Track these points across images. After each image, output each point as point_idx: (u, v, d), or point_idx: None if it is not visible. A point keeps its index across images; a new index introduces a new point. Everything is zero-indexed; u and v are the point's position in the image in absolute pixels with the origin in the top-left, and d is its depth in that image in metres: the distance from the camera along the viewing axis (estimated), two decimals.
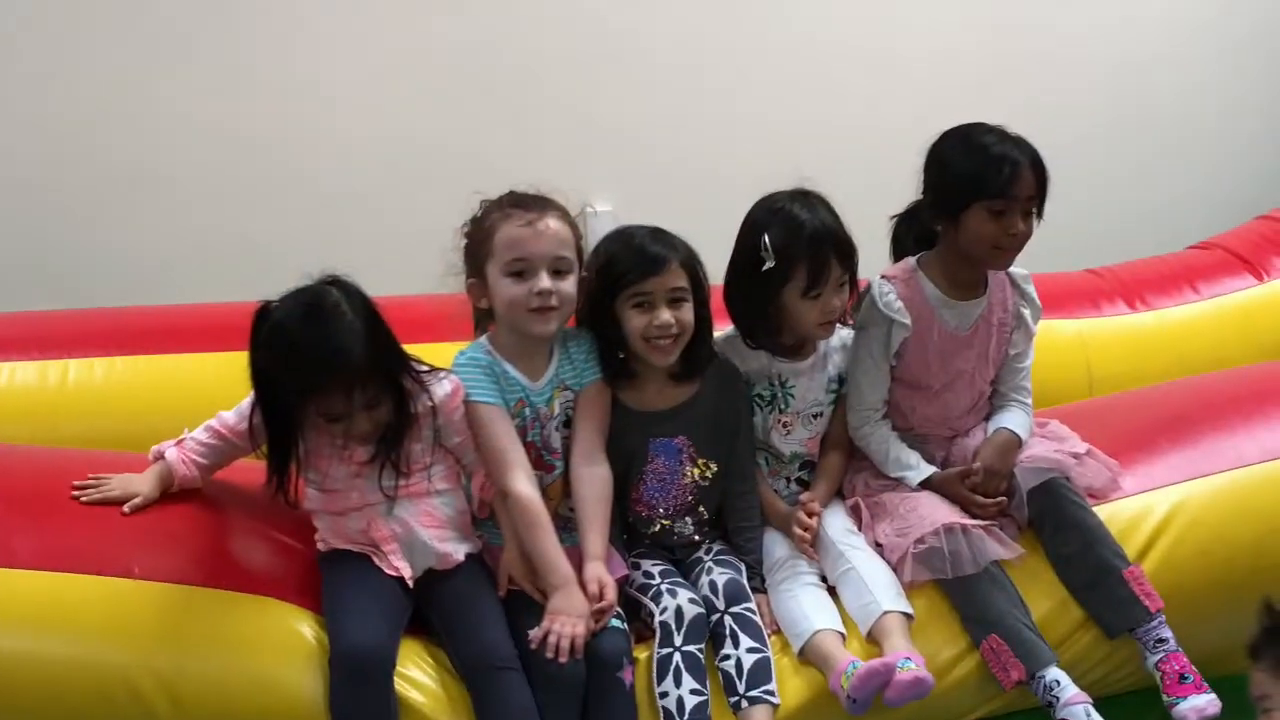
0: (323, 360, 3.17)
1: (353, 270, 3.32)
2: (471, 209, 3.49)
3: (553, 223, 3.41)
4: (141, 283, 5.34)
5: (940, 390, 3.77)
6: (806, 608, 3.52)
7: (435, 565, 3.39)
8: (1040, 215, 3.64)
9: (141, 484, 3.40)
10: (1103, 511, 3.68)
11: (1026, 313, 3.81)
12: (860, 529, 3.68)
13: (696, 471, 3.62)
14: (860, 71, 6.16)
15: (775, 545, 3.68)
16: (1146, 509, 3.73)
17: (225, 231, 5.63)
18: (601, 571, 3.37)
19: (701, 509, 3.66)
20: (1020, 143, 3.61)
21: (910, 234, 3.86)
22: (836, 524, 3.67)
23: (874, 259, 3.83)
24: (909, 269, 3.75)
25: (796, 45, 6.08)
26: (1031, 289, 3.81)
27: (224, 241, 5.62)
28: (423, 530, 3.38)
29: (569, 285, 3.42)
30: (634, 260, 3.48)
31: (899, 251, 3.89)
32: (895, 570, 3.56)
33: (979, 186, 3.57)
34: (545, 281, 3.37)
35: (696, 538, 3.67)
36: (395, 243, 5.09)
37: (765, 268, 3.56)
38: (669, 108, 5.97)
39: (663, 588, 3.46)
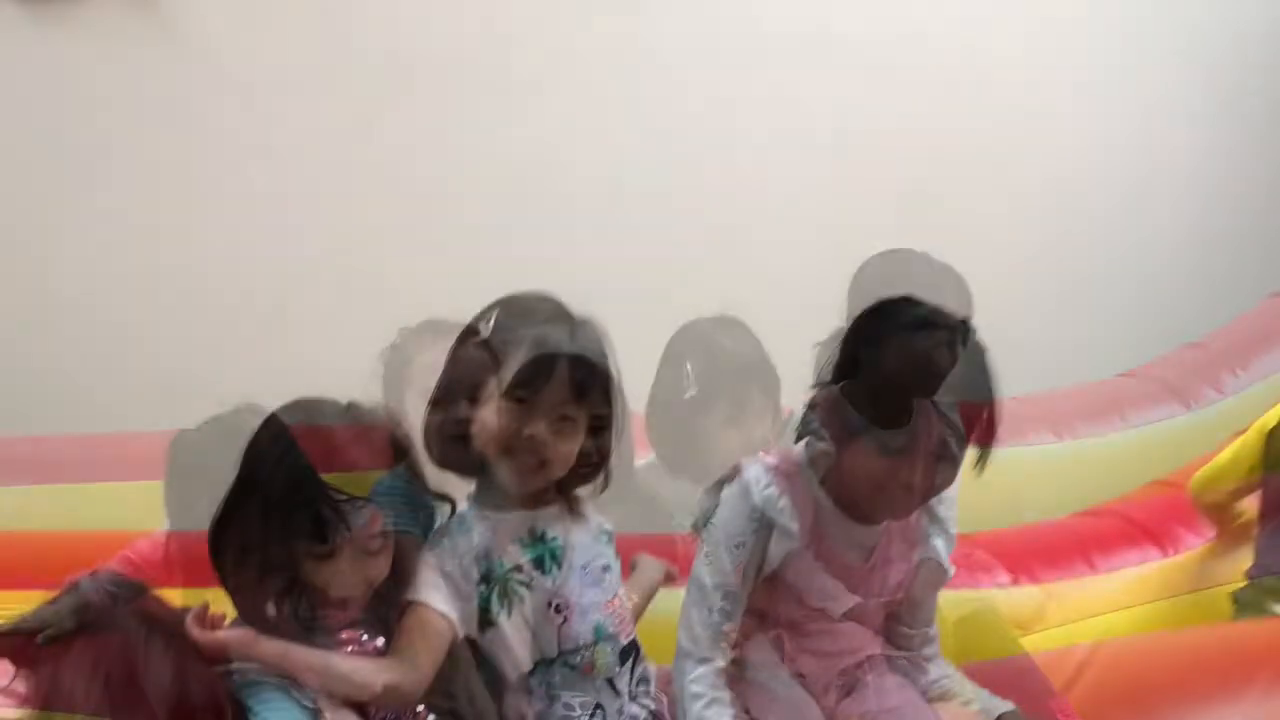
0: None
1: (269, 397, 3.28)
2: (390, 337, 3.48)
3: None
4: (55, 410, 5.30)
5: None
6: None
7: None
8: None
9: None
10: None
11: None
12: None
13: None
14: (780, 197, 6.19)
15: None
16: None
17: (140, 358, 5.60)
18: None
19: None
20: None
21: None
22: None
23: (798, 387, 3.82)
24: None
25: (718, 179, 6.12)
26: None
27: (139, 369, 5.59)
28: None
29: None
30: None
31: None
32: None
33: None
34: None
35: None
36: (312, 370, 5.06)
37: (687, 396, 3.54)
38: (590, 237, 5.99)
39: None
